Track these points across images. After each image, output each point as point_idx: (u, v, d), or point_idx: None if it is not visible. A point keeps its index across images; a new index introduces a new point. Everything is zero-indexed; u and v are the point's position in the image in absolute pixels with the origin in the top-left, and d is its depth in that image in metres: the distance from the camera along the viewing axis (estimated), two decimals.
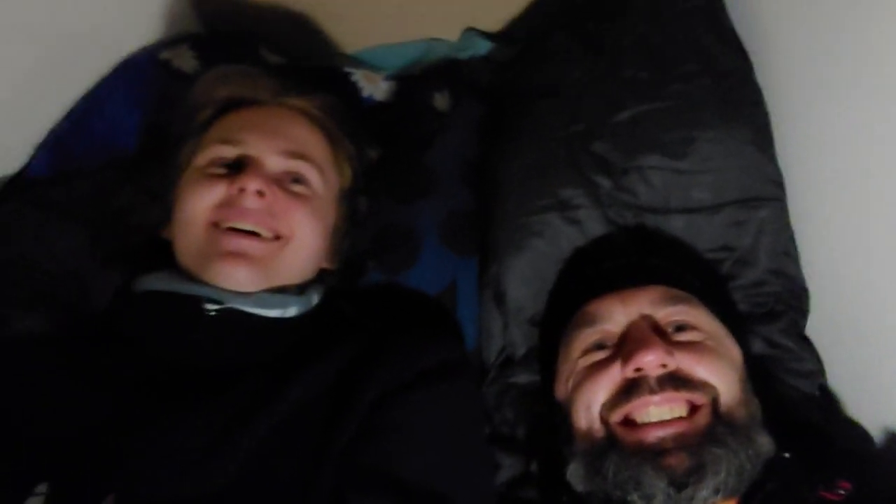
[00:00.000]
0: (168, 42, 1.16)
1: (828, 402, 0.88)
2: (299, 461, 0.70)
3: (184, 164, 0.86)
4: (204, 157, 0.84)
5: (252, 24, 1.29)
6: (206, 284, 0.79)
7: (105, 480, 0.67)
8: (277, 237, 0.81)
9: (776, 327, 0.90)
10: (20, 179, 1.00)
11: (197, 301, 0.78)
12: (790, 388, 0.88)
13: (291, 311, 0.83)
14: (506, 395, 0.92)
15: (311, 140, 0.89)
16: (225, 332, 0.79)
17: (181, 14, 1.26)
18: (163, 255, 0.85)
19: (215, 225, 0.79)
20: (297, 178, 0.85)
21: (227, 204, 0.79)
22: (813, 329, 0.91)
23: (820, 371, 0.89)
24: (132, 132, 1.04)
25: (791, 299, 0.91)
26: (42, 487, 0.67)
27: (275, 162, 0.83)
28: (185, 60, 1.12)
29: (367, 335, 0.82)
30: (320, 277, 0.91)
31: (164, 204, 0.87)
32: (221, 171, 0.82)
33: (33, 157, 1.01)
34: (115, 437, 0.70)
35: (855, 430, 0.83)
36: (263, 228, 0.80)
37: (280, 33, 1.28)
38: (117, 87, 1.07)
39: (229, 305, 0.79)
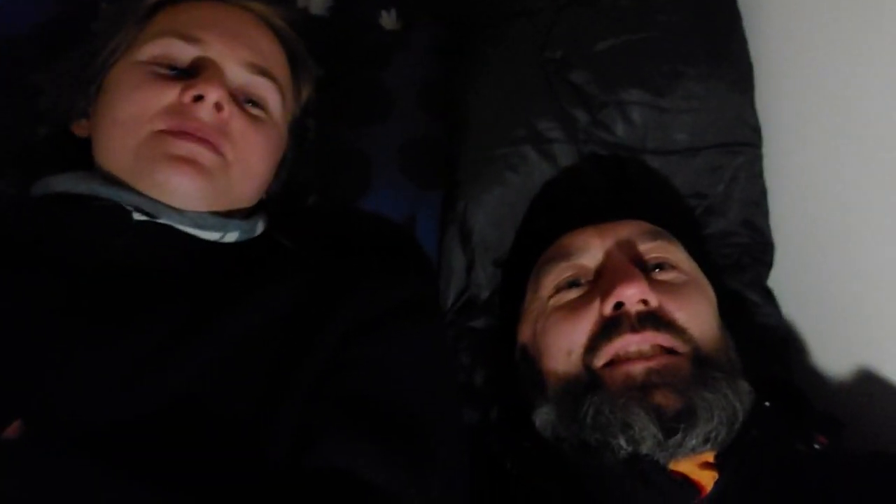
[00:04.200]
0: None
1: (791, 353, 0.87)
2: (249, 394, 0.60)
3: (118, 52, 0.72)
4: (149, 51, 0.71)
5: None
6: (139, 194, 0.66)
7: (11, 404, 0.54)
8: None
9: (741, 279, 0.88)
10: None
11: (123, 209, 0.66)
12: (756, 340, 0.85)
13: (231, 237, 0.73)
14: (462, 339, 0.85)
15: (276, 57, 0.78)
16: (154, 242, 0.67)
17: None
18: (71, 154, 0.73)
19: (159, 133, 0.67)
20: (255, 100, 0.74)
21: (176, 111, 0.67)
22: (774, 282, 0.89)
23: (781, 324, 0.88)
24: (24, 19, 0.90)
25: (757, 252, 0.88)
26: None
27: (236, 73, 0.72)
28: None
29: (319, 266, 0.72)
30: (261, 205, 0.80)
31: (80, 94, 0.73)
32: (170, 72, 0.70)
33: None
34: (26, 354, 0.58)
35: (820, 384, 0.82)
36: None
37: None
38: None
39: (162, 221, 0.67)
